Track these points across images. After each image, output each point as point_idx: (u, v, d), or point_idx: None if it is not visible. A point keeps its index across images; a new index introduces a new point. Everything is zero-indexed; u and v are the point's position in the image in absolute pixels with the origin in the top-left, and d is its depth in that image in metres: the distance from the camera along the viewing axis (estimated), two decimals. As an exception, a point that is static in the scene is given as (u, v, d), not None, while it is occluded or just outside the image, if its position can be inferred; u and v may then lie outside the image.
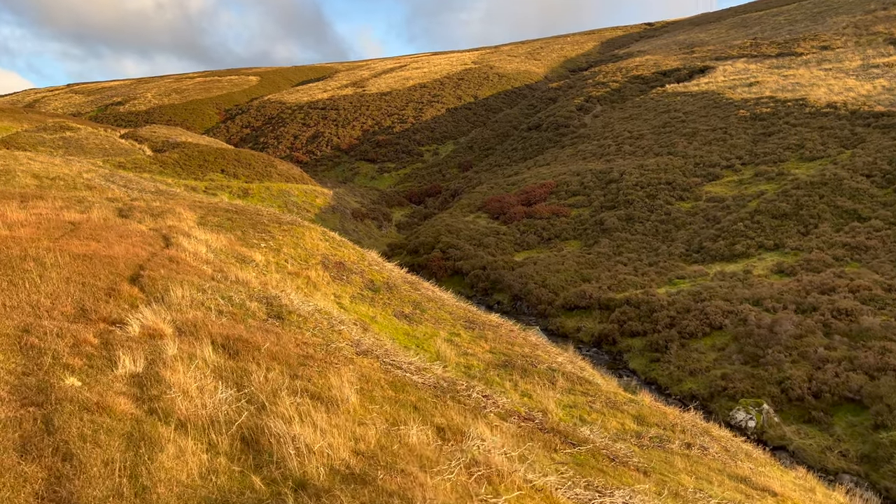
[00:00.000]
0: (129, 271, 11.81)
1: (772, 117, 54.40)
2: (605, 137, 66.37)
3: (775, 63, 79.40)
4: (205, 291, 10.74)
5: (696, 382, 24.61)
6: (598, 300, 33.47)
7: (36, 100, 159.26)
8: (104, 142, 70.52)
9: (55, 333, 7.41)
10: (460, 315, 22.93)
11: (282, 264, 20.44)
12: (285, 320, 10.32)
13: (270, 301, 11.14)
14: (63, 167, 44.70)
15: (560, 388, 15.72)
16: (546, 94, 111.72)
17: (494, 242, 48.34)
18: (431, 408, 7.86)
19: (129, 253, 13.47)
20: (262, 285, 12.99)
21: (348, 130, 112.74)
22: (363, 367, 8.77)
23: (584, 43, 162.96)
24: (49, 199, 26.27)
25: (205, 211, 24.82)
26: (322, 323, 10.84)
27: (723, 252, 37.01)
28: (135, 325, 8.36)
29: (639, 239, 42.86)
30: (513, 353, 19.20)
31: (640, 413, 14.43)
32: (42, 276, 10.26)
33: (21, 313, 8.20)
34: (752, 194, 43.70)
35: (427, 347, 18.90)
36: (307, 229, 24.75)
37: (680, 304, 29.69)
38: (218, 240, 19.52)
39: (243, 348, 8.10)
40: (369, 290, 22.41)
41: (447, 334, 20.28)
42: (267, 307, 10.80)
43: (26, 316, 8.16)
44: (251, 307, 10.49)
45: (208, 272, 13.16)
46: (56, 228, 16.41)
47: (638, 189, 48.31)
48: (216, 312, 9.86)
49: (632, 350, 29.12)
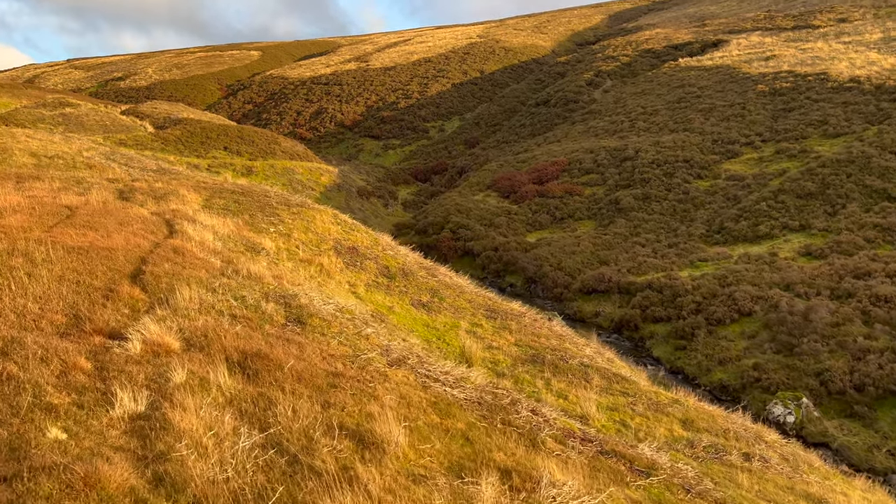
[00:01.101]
0: (129, 266, 10.59)
1: (792, 92, 52.62)
2: (618, 113, 64.63)
3: (791, 36, 77.17)
4: (215, 291, 9.54)
5: (727, 372, 23.49)
6: (618, 284, 32.26)
7: (35, 75, 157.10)
8: (105, 118, 68.98)
9: (39, 357, 6.23)
10: (480, 303, 21.75)
11: (293, 251, 19.22)
12: (307, 325, 9.12)
13: (288, 301, 9.94)
14: (62, 145, 43.35)
15: (596, 388, 14.57)
16: (554, 69, 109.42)
17: (506, 222, 47.03)
18: (485, 437, 6.72)
19: (130, 244, 12.24)
20: (277, 280, 11.78)
21: (352, 106, 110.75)
22: (399, 385, 7.62)
23: (592, 16, 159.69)
24: (46, 179, 24.98)
25: (210, 192, 23.55)
26: (347, 327, 9.65)
27: (745, 233, 35.68)
28: (136, 340, 7.17)
29: (656, 219, 41.51)
30: (539, 345, 18.04)
31: (686, 416, 13.28)
32: (31, 275, 9.06)
33: (3, 324, 7.03)
34: (773, 172, 42.22)
35: (449, 340, 17.76)
36: (318, 212, 23.48)
37: (705, 289, 28.47)
38: (225, 225, 18.28)
39: (263, 367, 6.92)
40: (384, 278, 21.21)
41: (468, 325, 19.11)
42: (285, 309, 9.61)
43: (9, 327, 6.99)
44: (267, 310, 9.29)
45: (217, 265, 11.94)
46: (51, 214, 15.18)
47: (654, 167, 46.82)
48: (229, 318, 8.67)
49: (655, 337, 27.99)
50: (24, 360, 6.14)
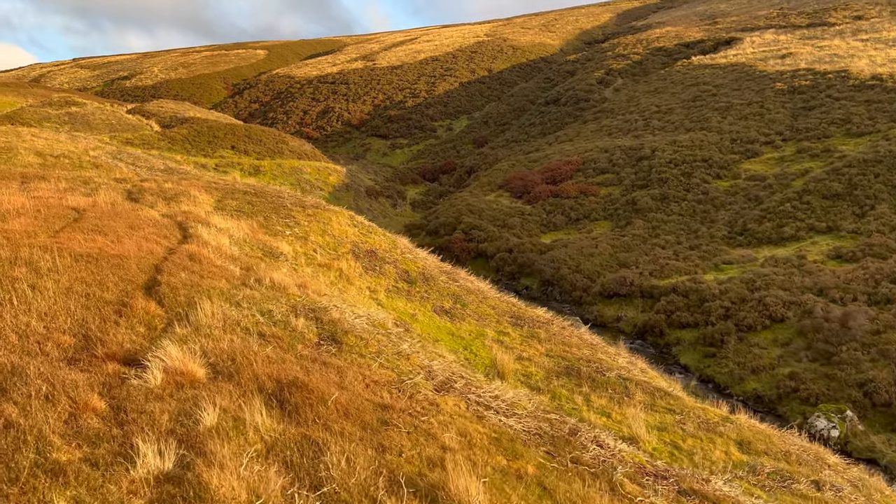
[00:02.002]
0: (143, 276, 9.66)
1: (812, 90, 51.46)
2: (631, 112, 63.54)
3: (806, 34, 75.94)
4: (239, 305, 8.61)
5: (761, 382, 22.46)
6: (640, 287, 31.24)
7: (41, 74, 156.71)
8: (111, 117, 68.23)
9: (44, 395, 5.31)
10: (504, 309, 20.78)
11: (310, 255, 18.28)
12: (342, 345, 8.18)
13: (318, 315, 8.99)
14: (68, 144, 42.52)
15: (640, 404, 13.59)
16: (563, 67, 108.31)
17: (519, 223, 46.04)
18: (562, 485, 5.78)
19: (142, 250, 11.32)
20: (301, 289, 10.85)
21: (359, 105, 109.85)
22: (454, 417, 6.69)
23: (600, 14, 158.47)
24: (52, 179, 24.11)
25: (222, 193, 22.64)
26: (385, 345, 8.70)
27: (770, 235, 34.62)
28: (156, 368, 6.25)
29: (675, 220, 40.46)
30: (571, 356, 17.06)
31: (741, 437, 12.29)
32: (36, 288, 8.14)
33: (2, 348, 6.13)
34: (795, 172, 41.12)
35: (476, 350, 16.80)
36: (334, 213, 22.54)
37: (733, 293, 27.43)
38: (239, 228, 17.36)
39: (303, 400, 5.99)
40: (404, 283, 20.27)
41: (495, 333, 18.15)
42: (316, 325, 8.66)
43: (10, 352, 6.08)
44: (297, 326, 8.36)
45: (236, 273, 11.01)
46: (57, 217, 14.28)
47: (672, 166, 45.76)
48: (257, 337, 7.74)
49: (681, 343, 26.97)
50: (27, 398, 5.21)
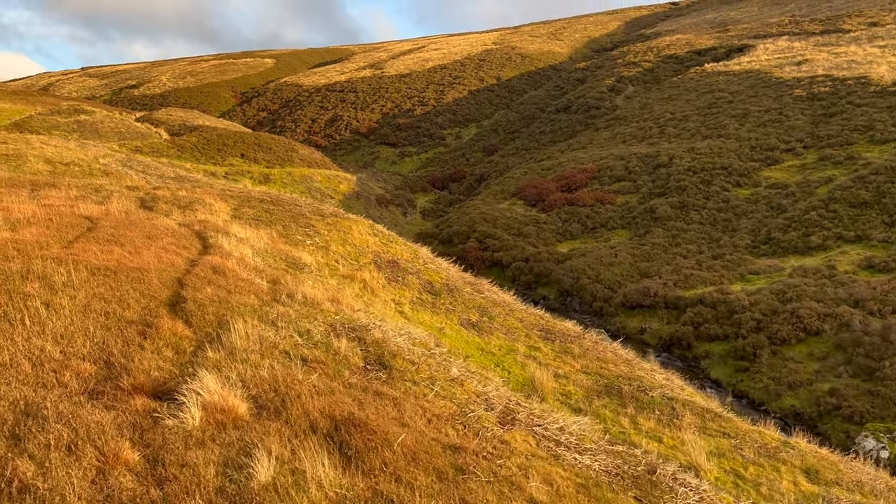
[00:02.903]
0: (165, 291, 8.84)
1: (831, 97, 50.55)
2: (645, 119, 62.71)
3: (821, 41, 75.09)
4: (274, 324, 7.79)
5: (798, 398, 21.48)
6: (665, 298, 30.30)
7: (50, 83, 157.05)
8: (119, 125, 67.86)
9: (65, 445, 4.46)
10: (532, 322, 19.90)
11: (333, 266, 17.47)
12: (392, 370, 7.33)
13: (360, 335, 8.14)
14: (78, 151, 41.95)
15: (690, 427, 12.68)
16: (573, 75, 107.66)
17: (535, 232, 45.16)
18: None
19: (163, 262, 10.51)
20: (334, 304, 10.01)
21: (367, 114, 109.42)
22: (531, 459, 5.85)
23: (608, 23, 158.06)
24: (63, 187, 23.38)
25: (238, 201, 21.87)
26: (435, 369, 7.85)
27: (796, 244, 33.65)
28: (192, 405, 5.41)
29: (696, 228, 39.52)
30: (609, 373, 16.16)
31: (806, 465, 11.37)
32: (50, 306, 7.33)
33: (14, 379, 5.32)
34: (818, 180, 40.17)
35: (508, 366, 15.91)
36: (354, 222, 21.74)
37: (764, 305, 26.47)
38: (259, 237, 16.56)
39: (364, 443, 5.14)
40: (428, 294, 19.42)
41: (526, 348, 17.27)
42: (360, 346, 7.81)
43: (22, 384, 5.28)
44: (341, 349, 7.51)
45: (264, 287, 10.19)
46: (70, 227, 13.50)
47: (690, 174, 44.86)
48: (298, 361, 6.91)
49: (711, 356, 26.00)
50: (45, 449, 4.37)
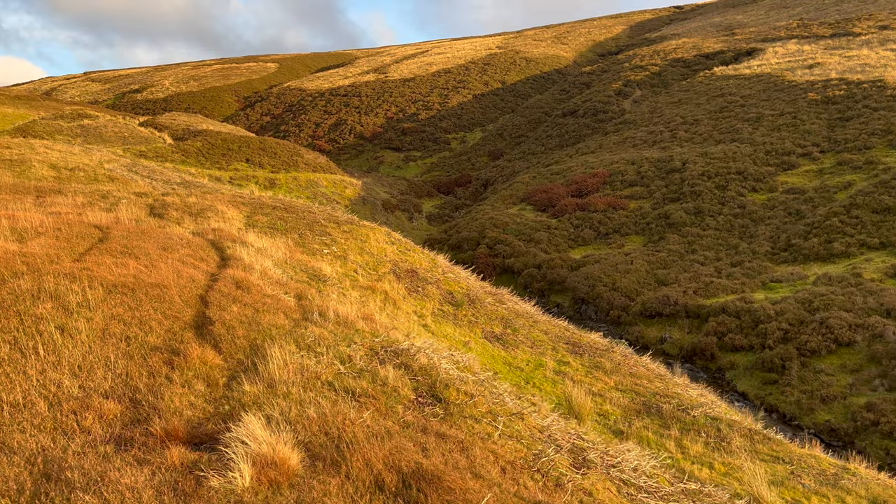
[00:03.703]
0: (189, 311, 8.08)
1: (847, 100, 49.80)
2: (655, 123, 61.98)
3: (831, 44, 74.38)
4: (312, 350, 7.03)
5: (833, 413, 20.67)
6: (685, 307, 29.50)
7: (53, 88, 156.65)
8: (123, 130, 67.32)
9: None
10: (557, 335, 19.12)
11: (352, 276, 16.71)
12: (448, 404, 6.53)
13: (405, 361, 7.34)
14: (82, 156, 41.28)
15: (740, 451, 11.88)
16: (578, 79, 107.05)
17: (546, 238, 44.39)
18: None
19: (182, 277, 9.75)
20: (368, 322, 9.25)
21: (371, 118, 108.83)
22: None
23: (612, 27, 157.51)
24: (69, 193, 22.67)
25: (250, 208, 21.13)
26: (492, 402, 7.06)
27: (818, 251, 32.86)
28: (240, 459, 4.62)
29: (712, 235, 38.74)
30: (644, 390, 15.37)
31: (872, 495, 10.56)
32: (65, 330, 6.57)
33: (30, 424, 4.56)
34: (837, 185, 39.39)
35: (538, 383, 15.11)
36: (370, 230, 20.97)
37: (791, 315, 25.67)
38: (276, 247, 15.81)
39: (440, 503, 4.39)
40: (450, 305, 18.65)
41: (554, 363, 16.48)
42: (407, 374, 7.01)
43: (38, 432, 4.52)
44: (388, 378, 6.73)
45: (291, 305, 9.42)
46: (80, 237, 12.75)
47: (705, 179, 44.09)
48: (345, 395, 6.15)
49: (736, 368, 25.19)
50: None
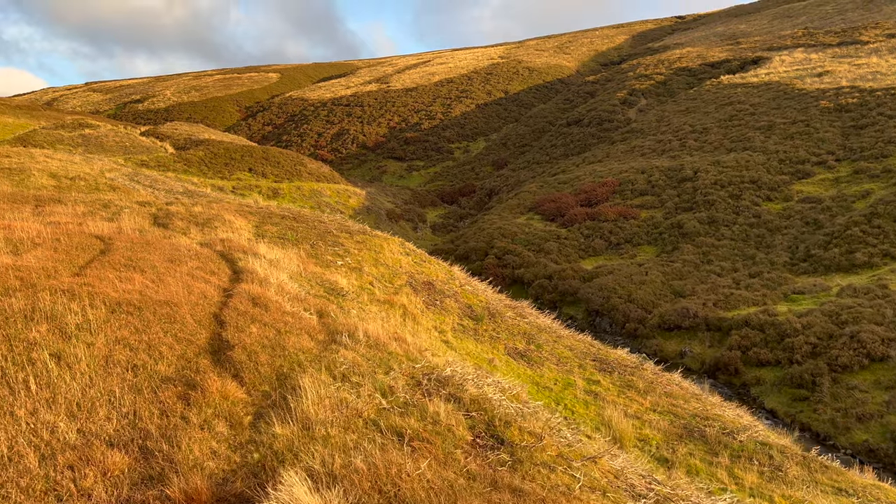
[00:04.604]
0: (203, 333, 7.13)
1: (860, 108, 49.02)
2: (663, 132, 61.21)
3: (839, 52, 73.77)
4: (347, 379, 6.08)
5: (870, 432, 19.66)
6: (706, 319, 28.53)
7: (54, 98, 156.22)
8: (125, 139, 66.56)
9: None
10: (583, 350, 18.14)
11: (368, 289, 15.76)
12: (514, 447, 5.57)
13: (454, 392, 6.35)
14: (83, 165, 40.42)
15: (799, 481, 10.90)
16: (582, 88, 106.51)
17: (556, 248, 43.45)
18: None
19: (193, 292, 8.80)
20: (400, 343, 8.30)
21: (374, 127, 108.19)
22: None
23: (614, 36, 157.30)
24: (69, 202, 21.74)
25: (258, 218, 20.21)
26: (560, 443, 6.13)
27: (839, 262, 31.92)
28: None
29: (728, 245, 37.81)
30: (682, 411, 14.38)
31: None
32: (62, 358, 5.63)
33: (15, 486, 3.62)
34: (854, 194, 38.52)
35: (570, 405, 14.13)
36: (384, 240, 20.04)
37: (818, 328, 24.69)
38: (288, 258, 14.87)
39: None
40: (469, 320, 17.69)
41: (584, 382, 15.49)
42: (459, 408, 6.04)
43: (23, 496, 3.56)
44: (439, 415, 5.77)
45: (314, 323, 8.48)
46: (80, 248, 11.81)
47: (718, 188, 43.22)
48: (394, 438, 5.20)
49: (762, 384, 24.18)
50: None
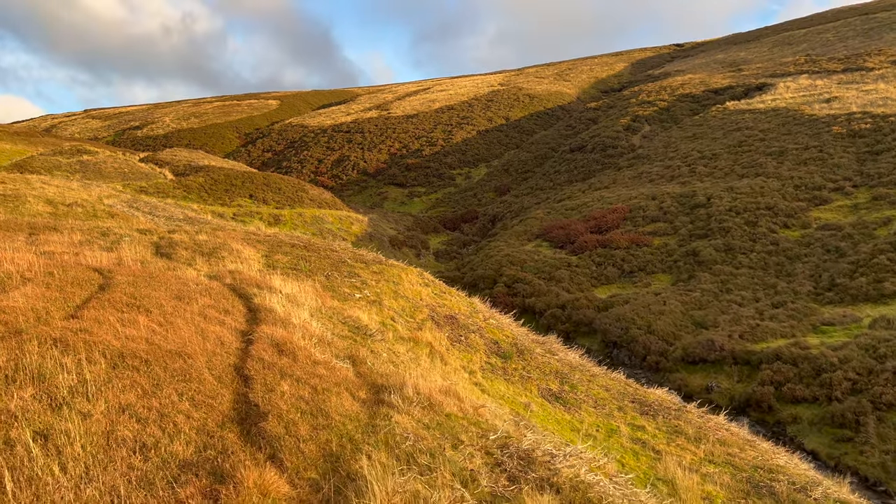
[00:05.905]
0: (225, 394, 5.82)
1: (874, 134, 48.25)
2: (671, 158, 60.39)
3: (844, 79, 73.46)
4: (414, 460, 4.74)
5: (926, 477, 18.23)
6: (733, 352, 27.18)
7: (53, 125, 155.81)
8: (123, 165, 65.53)
9: None
10: (619, 391, 16.78)
11: (390, 324, 14.43)
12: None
13: (547, 476, 4.93)
14: (81, 192, 39.22)
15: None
16: (584, 115, 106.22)
17: (567, 276, 42.17)
18: None
19: (207, 338, 7.48)
20: (454, 398, 7.01)
21: (375, 154, 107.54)
22: None
23: (614, 64, 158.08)
24: (65, 230, 20.40)
25: (267, 247, 18.94)
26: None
27: (867, 291, 30.68)
28: None
29: (746, 273, 36.58)
30: (740, 462, 12.99)
31: None
32: (49, 438, 4.32)
33: None
34: (875, 221, 37.44)
35: (619, 455, 12.73)
36: (402, 270, 18.77)
37: (857, 363, 23.36)
38: (304, 291, 13.57)
39: None
40: (497, 357, 16.34)
41: (628, 428, 14.11)
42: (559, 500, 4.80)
43: None
44: (539, 511, 4.52)
45: (350, 376, 7.19)
46: (76, 284, 10.49)
47: (733, 214, 42.14)
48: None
49: (799, 422, 22.75)
50: None
